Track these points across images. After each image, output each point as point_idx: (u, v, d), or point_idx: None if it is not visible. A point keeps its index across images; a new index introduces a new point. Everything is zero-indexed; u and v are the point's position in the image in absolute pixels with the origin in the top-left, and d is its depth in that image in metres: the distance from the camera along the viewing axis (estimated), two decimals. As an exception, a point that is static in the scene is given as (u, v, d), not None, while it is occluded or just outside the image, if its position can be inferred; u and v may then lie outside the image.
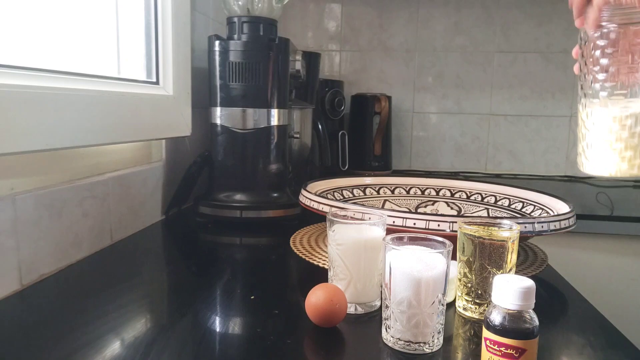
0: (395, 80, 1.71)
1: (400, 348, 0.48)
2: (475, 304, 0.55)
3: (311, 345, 0.51)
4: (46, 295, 0.60)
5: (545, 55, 1.63)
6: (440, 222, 0.63)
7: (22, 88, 0.56)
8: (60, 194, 0.66)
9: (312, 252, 0.76)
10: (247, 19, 0.94)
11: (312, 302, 0.51)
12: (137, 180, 0.88)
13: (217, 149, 0.96)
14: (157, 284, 0.69)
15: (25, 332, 0.50)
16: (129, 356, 0.46)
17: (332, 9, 1.72)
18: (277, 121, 0.95)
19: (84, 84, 0.71)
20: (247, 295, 0.62)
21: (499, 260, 0.54)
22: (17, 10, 0.64)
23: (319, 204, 0.73)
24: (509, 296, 0.41)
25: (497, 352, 0.41)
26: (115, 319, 0.53)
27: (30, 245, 0.61)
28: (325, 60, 1.73)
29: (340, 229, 0.56)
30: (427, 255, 0.48)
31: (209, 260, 0.79)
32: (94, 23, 0.81)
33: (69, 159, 0.69)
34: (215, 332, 0.52)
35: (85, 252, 0.73)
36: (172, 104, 0.95)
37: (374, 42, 1.71)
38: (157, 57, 0.94)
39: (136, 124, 0.81)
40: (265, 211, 0.94)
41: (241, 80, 0.92)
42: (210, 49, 0.94)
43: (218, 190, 0.96)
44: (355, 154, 1.53)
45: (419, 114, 1.72)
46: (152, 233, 0.90)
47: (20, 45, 0.64)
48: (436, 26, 1.67)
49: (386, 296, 0.48)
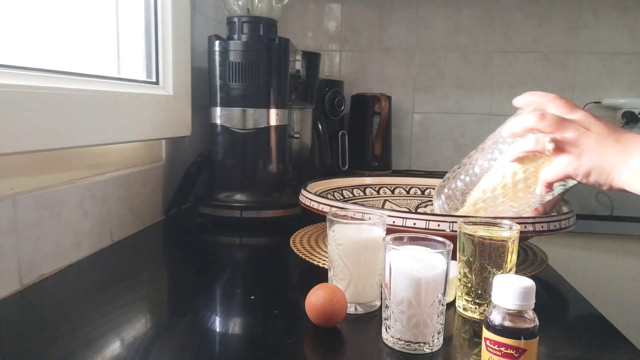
0: (395, 80, 1.71)
1: (400, 348, 0.48)
2: (475, 304, 0.55)
3: (311, 345, 0.51)
4: (46, 295, 0.60)
5: (545, 55, 1.63)
6: (440, 222, 0.63)
7: (22, 88, 0.56)
8: (60, 194, 0.66)
9: (312, 252, 0.76)
10: (247, 19, 0.94)
11: (312, 302, 0.51)
12: (137, 180, 0.88)
13: (217, 149, 0.96)
14: (157, 284, 0.69)
15: (25, 332, 0.50)
16: (129, 356, 0.46)
17: (332, 9, 1.72)
18: (277, 121, 0.95)
19: (84, 84, 0.71)
20: (247, 295, 0.62)
21: (499, 260, 0.54)
22: (17, 10, 0.64)
23: (319, 204, 0.73)
24: (509, 296, 0.41)
25: (497, 352, 0.41)
26: (115, 319, 0.53)
27: (30, 245, 0.61)
28: (325, 60, 1.73)
29: (340, 229, 0.56)
30: (427, 255, 0.48)
31: (209, 260, 0.79)
32: (94, 23, 0.81)
33: (69, 159, 0.69)
34: (215, 332, 0.52)
35: (85, 252, 0.73)
36: (172, 104, 0.95)
37: (374, 42, 1.71)
38: (157, 57, 0.94)
39: (136, 124, 0.81)
40: (265, 211, 0.94)
41: (241, 80, 0.92)
42: (210, 49, 0.94)
43: (218, 190, 0.96)
44: (355, 154, 1.53)
45: (419, 114, 1.72)
46: (152, 233, 0.90)
47: (20, 45, 0.64)
48: (436, 26, 1.67)
49: (386, 296, 0.48)
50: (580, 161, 0.51)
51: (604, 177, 0.51)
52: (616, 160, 0.50)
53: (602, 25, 1.58)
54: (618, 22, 1.57)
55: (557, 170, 0.53)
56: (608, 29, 1.58)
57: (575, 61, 1.61)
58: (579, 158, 0.51)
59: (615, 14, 1.57)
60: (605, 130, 0.52)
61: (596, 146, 0.51)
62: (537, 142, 0.54)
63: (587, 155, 0.51)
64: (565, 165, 0.52)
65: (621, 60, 1.58)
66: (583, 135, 0.52)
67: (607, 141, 0.51)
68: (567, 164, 0.52)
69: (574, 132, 0.52)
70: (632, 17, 1.56)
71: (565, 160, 0.53)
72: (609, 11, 1.57)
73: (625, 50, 1.58)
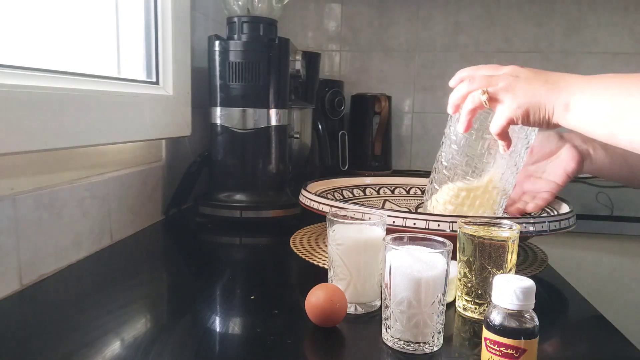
0: (395, 80, 1.71)
1: (400, 348, 0.48)
2: (475, 304, 0.55)
3: (311, 345, 0.51)
4: (46, 295, 0.60)
5: (545, 55, 1.63)
6: (440, 222, 0.63)
7: (22, 88, 0.56)
8: (60, 194, 0.66)
9: (312, 252, 0.76)
10: (247, 19, 0.94)
11: (312, 302, 0.51)
12: (137, 180, 0.88)
13: (217, 149, 0.96)
14: (157, 284, 0.69)
15: (25, 332, 0.50)
16: (129, 356, 0.46)
17: (332, 9, 1.72)
18: (277, 121, 0.95)
19: (84, 84, 0.71)
20: (247, 295, 0.62)
21: (499, 260, 0.54)
22: (17, 10, 0.64)
23: (319, 204, 0.73)
24: (509, 296, 0.41)
25: (497, 352, 0.41)
26: (115, 319, 0.53)
27: (30, 245, 0.61)
28: (325, 60, 1.73)
29: (340, 229, 0.56)
30: (427, 255, 0.48)
31: (209, 260, 0.79)
32: (94, 23, 0.81)
33: (69, 159, 0.69)
34: (215, 332, 0.52)
35: (85, 252, 0.73)
36: (172, 104, 0.95)
37: (374, 42, 1.71)
38: (157, 57, 0.94)
39: (136, 124, 0.81)
40: (265, 211, 0.94)
41: (241, 80, 0.92)
42: (210, 49, 0.94)
43: (218, 190, 0.96)
44: (355, 154, 1.53)
45: (419, 114, 1.72)
46: (152, 233, 0.90)
47: (20, 45, 0.64)
48: (436, 26, 1.67)
49: (386, 296, 0.48)
50: (516, 103, 0.54)
51: (541, 115, 0.54)
52: (548, 98, 0.53)
53: (602, 25, 1.58)
54: (618, 22, 1.57)
55: (499, 118, 0.56)
56: (608, 29, 1.58)
57: (575, 61, 1.61)
58: (513, 101, 0.55)
59: (615, 14, 1.57)
60: (533, 74, 0.56)
61: (527, 87, 0.54)
62: (472, 99, 0.58)
63: (520, 97, 0.54)
64: (504, 111, 0.55)
65: (621, 60, 1.58)
66: (513, 81, 0.55)
67: (537, 82, 0.54)
68: (505, 109, 0.55)
69: (503, 80, 0.56)
70: (632, 17, 1.56)
71: (502, 107, 0.56)
72: (609, 11, 1.57)
73: (625, 50, 1.58)
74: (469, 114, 0.59)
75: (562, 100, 0.52)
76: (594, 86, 0.51)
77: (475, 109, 0.58)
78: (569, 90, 0.52)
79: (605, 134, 0.50)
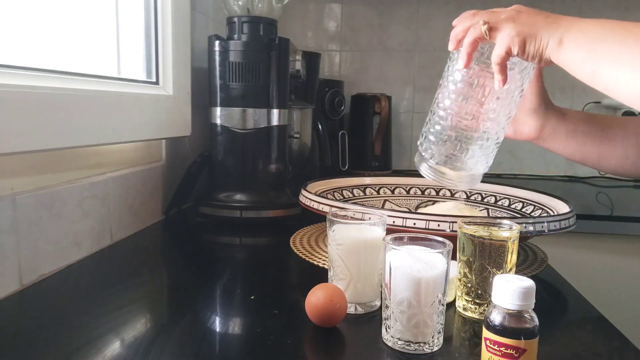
0: (395, 80, 1.71)
1: (400, 348, 0.48)
2: (475, 304, 0.55)
3: (311, 345, 0.51)
4: (46, 295, 0.60)
5: (545, 55, 1.63)
6: (440, 222, 0.63)
7: (22, 88, 0.56)
8: (60, 194, 0.66)
9: (312, 252, 0.76)
10: (247, 19, 0.94)
11: (312, 302, 0.51)
12: (137, 180, 0.88)
13: (217, 149, 0.96)
14: (157, 284, 0.69)
15: (25, 332, 0.50)
16: (129, 356, 0.46)
17: (332, 9, 1.72)
18: (277, 121, 0.95)
19: (84, 84, 0.71)
20: (247, 295, 0.62)
21: (499, 260, 0.54)
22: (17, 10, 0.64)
23: (319, 204, 0.73)
24: (509, 296, 0.41)
25: (497, 352, 0.41)
26: (115, 319, 0.53)
27: (30, 245, 0.61)
28: (325, 60, 1.73)
29: (340, 229, 0.56)
30: (427, 255, 0.48)
31: (209, 260, 0.79)
32: (94, 23, 0.81)
33: (69, 159, 0.69)
34: (215, 332, 0.52)
35: (85, 252, 0.73)
36: (172, 104, 0.95)
37: (374, 42, 1.71)
38: (157, 57, 0.94)
39: (136, 124, 0.81)
40: (265, 211, 0.94)
41: (241, 80, 0.92)
42: (210, 49, 0.94)
43: (218, 190, 0.96)
44: (355, 154, 1.53)
45: (419, 114, 1.72)
46: (152, 233, 0.90)
47: (20, 45, 0.64)
48: (436, 26, 1.67)
49: (386, 296, 0.48)
50: (515, 31, 0.55)
51: (536, 46, 0.55)
52: (545, 30, 0.54)
53: (602, 25, 1.58)
54: (618, 22, 1.57)
55: (499, 47, 0.57)
56: (608, 29, 1.57)
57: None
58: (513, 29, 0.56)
59: (615, 14, 1.57)
60: (535, 11, 0.57)
61: (527, 18, 0.56)
62: (473, 30, 0.58)
63: (519, 26, 0.55)
64: (503, 38, 0.56)
65: (621, 60, 1.58)
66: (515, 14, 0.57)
67: (538, 17, 0.56)
68: (504, 36, 0.56)
69: (506, 13, 0.57)
70: (632, 17, 1.56)
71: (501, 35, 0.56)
72: (609, 11, 1.57)
73: (625, 50, 1.58)
74: (469, 46, 0.59)
75: (557, 35, 0.53)
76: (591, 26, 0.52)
77: (475, 41, 0.58)
78: (566, 27, 0.53)
79: (588, 73, 0.51)
